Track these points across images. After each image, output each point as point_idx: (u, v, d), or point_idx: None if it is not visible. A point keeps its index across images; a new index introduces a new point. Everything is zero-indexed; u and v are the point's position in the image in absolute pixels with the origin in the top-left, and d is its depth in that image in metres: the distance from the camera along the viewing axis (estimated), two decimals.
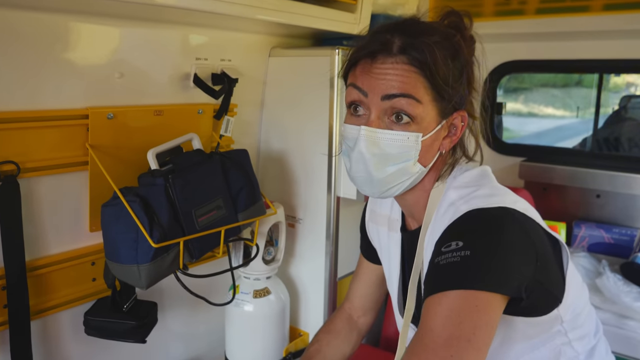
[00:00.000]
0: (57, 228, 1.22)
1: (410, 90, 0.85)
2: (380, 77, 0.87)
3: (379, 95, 0.87)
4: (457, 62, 0.89)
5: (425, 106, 0.86)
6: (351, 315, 1.28)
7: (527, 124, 3.69)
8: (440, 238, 0.86)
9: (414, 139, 0.87)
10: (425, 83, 0.86)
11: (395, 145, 0.88)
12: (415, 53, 0.85)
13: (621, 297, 1.61)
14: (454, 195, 0.91)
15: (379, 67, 0.87)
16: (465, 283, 0.77)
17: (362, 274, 1.28)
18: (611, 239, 1.98)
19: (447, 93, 0.87)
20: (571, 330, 0.94)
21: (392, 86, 0.86)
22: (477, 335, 0.75)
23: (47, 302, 1.22)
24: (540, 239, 0.86)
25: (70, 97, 1.18)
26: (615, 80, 2.85)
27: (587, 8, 1.70)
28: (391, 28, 0.89)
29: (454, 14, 0.92)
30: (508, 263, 0.80)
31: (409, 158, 0.89)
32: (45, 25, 1.10)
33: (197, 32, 1.41)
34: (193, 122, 1.42)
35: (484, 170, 0.97)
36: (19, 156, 1.10)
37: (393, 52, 0.86)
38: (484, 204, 0.85)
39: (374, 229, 1.18)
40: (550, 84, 3.22)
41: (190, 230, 1.20)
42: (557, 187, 2.09)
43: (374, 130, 0.88)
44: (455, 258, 0.79)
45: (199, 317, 1.62)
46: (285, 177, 1.66)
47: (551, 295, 0.89)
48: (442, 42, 0.87)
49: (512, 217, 0.83)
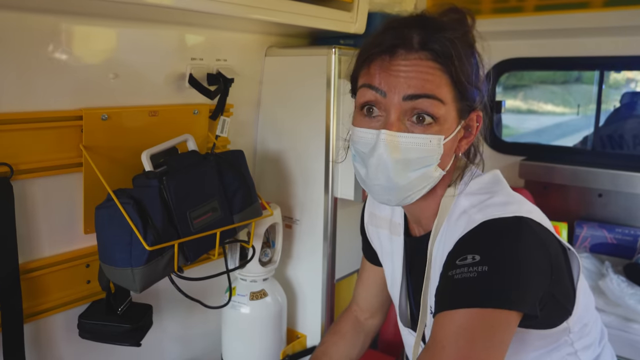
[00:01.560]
0: (51, 230, 1.21)
1: (434, 90, 0.80)
2: (401, 74, 0.80)
3: (401, 95, 0.80)
4: (472, 60, 0.84)
5: (448, 106, 0.82)
6: (358, 317, 1.27)
7: (526, 120, 3.68)
8: (455, 249, 0.82)
9: (437, 142, 0.82)
10: (448, 81, 0.81)
11: (417, 150, 0.81)
12: (439, 47, 0.80)
13: (625, 299, 1.59)
14: (466, 203, 0.86)
15: (400, 63, 0.80)
16: (483, 301, 0.74)
17: (366, 276, 1.25)
18: (614, 239, 1.96)
19: (468, 91, 0.83)
20: (577, 340, 0.91)
21: (415, 85, 0.80)
22: (490, 356, 0.72)
23: (41, 304, 1.21)
24: (555, 251, 0.82)
25: (64, 98, 1.17)
26: (615, 77, 2.83)
27: (587, 4, 1.68)
28: (407, 22, 0.83)
29: (455, 11, 0.87)
30: (526, 280, 0.76)
31: (431, 162, 0.83)
32: (38, 25, 1.09)
33: (192, 32, 1.40)
34: (188, 123, 1.41)
35: (496, 175, 0.93)
36: (12, 158, 1.09)
37: (414, 47, 0.80)
38: (500, 213, 0.80)
39: (373, 231, 1.15)
40: (550, 81, 3.20)
41: (185, 233, 1.19)
42: (558, 187, 2.07)
43: (396, 134, 0.81)
44: (472, 273, 0.75)
45: (195, 320, 1.61)
46: (282, 177, 1.65)
47: (563, 308, 0.86)
48: (462, 37, 0.83)
49: (529, 229, 0.79)
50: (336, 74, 1.46)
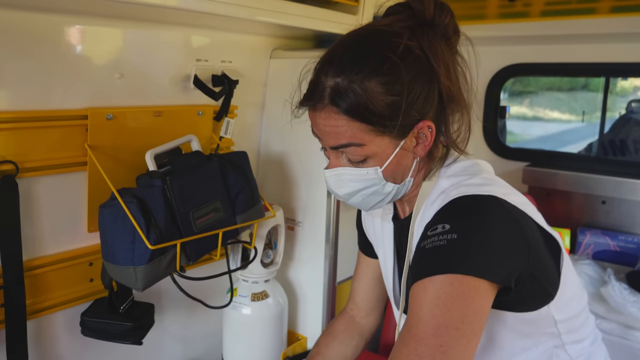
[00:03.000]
0: (55, 228, 1.22)
1: (350, 139, 0.85)
2: (322, 128, 0.88)
3: (328, 146, 0.90)
4: (398, 82, 0.81)
5: (372, 143, 0.86)
6: (353, 316, 1.27)
7: (531, 127, 3.66)
8: (428, 223, 0.85)
9: (373, 172, 0.89)
10: (361, 126, 0.84)
11: (359, 180, 0.90)
12: (343, 102, 0.82)
13: (627, 307, 1.58)
14: (446, 184, 0.91)
15: (319, 116, 0.87)
16: (452, 267, 0.75)
17: (361, 270, 1.27)
18: (617, 246, 1.95)
19: (391, 124, 0.83)
20: (565, 334, 0.92)
21: (333, 139, 0.87)
22: (465, 323, 0.73)
23: (44, 302, 1.22)
24: (531, 231, 0.84)
25: (69, 98, 1.18)
26: (623, 84, 2.81)
27: (594, 10, 1.68)
28: (326, 62, 0.87)
29: (395, 9, 0.89)
30: (497, 250, 0.78)
31: (377, 183, 0.91)
32: (45, 25, 1.10)
33: (198, 33, 1.41)
34: (193, 124, 1.41)
35: (478, 161, 0.96)
36: (18, 156, 1.10)
37: (325, 102, 0.85)
38: (474, 191, 0.84)
39: (369, 221, 1.18)
40: (556, 88, 3.19)
41: (187, 232, 1.20)
42: (562, 193, 2.06)
43: (334, 171, 0.92)
44: (442, 241, 0.77)
45: (196, 320, 1.61)
46: (285, 179, 1.65)
47: (544, 290, 0.87)
48: (376, 68, 0.81)
49: (501, 207, 0.81)
50: None
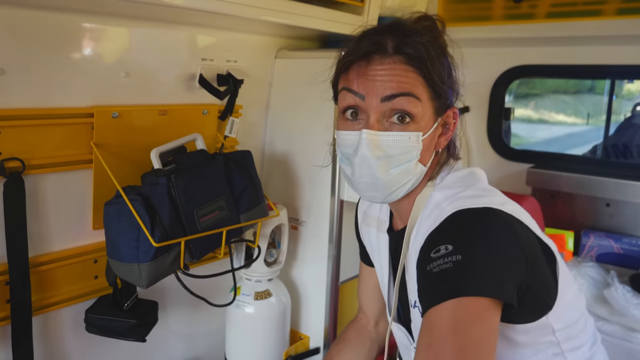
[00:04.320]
0: (60, 225, 1.23)
1: (410, 88, 0.85)
2: (377, 78, 0.86)
3: (379, 97, 0.86)
4: (444, 60, 0.90)
5: (424, 104, 0.87)
6: (364, 325, 1.28)
7: (537, 130, 3.62)
8: (427, 242, 0.85)
9: (415, 138, 0.87)
10: (422, 81, 0.87)
11: (398, 146, 0.87)
12: (412, 51, 0.85)
13: (630, 309, 1.58)
14: (440, 196, 0.91)
15: (376, 68, 0.86)
16: (463, 290, 0.75)
17: (364, 280, 1.28)
18: (620, 249, 1.95)
19: (443, 90, 0.88)
20: (565, 341, 0.91)
21: (391, 87, 0.85)
22: (484, 343, 0.74)
23: (49, 298, 1.23)
24: (529, 241, 0.84)
25: (76, 96, 1.18)
26: (629, 87, 2.79)
27: (600, 12, 1.67)
28: (381, 30, 0.89)
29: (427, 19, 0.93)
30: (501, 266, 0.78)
31: (412, 158, 0.88)
32: (52, 24, 1.11)
33: (204, 32, 1.41)
34: (198, 123, 1.42)
35: (472, 171, 0.97)
36: (24, 153, 1.11)
37: (389, 52, 0.86)
38: (470, 204, 0.84)
39: (365, 231, 1.18)
40: (562, 90, 3.17)
41: (191, 231, 1.20)
42: (566, 195, 2.06)
43: (376, 133, 0.86)
44: (448, 264, 0.77)
45: (200, 318, 1.62)
46: (289, 179, 1.66)
47: (541, 301, 0.87)
48: (433, 41, 0.89)
49: (499, 218, 0.82)
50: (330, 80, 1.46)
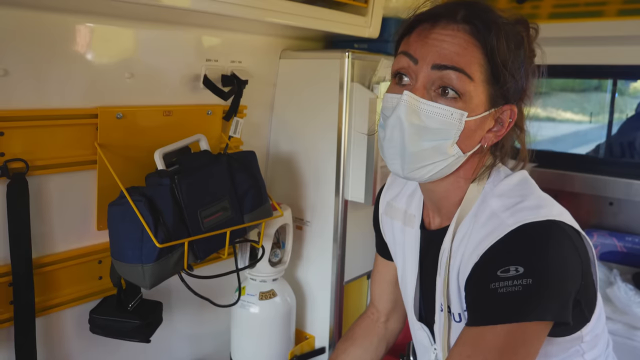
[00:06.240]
0: (64, 226, 1.23)
1: (463, 64, 0.78)
2: (435, 43, 0.80)
3: (430, 63, 0.80)
4: (519, 52, 0.82)
5: (476, 85, 0.80)
6: (374, 320, 1.25)
7: (543, 128, 3.61)
8: (490, 257, 0.80)
9: (458, 116, 0.80)
10: (482, 60, 0.79)
11: (436, 119, 0.80)
12: (480, 24, 0.79)
13: (632, 307, 1.59)
14: (496, 205, 0.85)
15: (438, 32, 0.80)
16: (529, 316, 0.75)
17: (378, 273, 1.23)
18: (624, 247, 1.95)
19: (503, 76, 0.80)
20: (588, 351, 0.91)
21: (445, 55, 0.79)
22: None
23: (53, 299, 1.23)
24: (585, 256, 0.82)
25: (80, 96, 1.18)
26: (635, 85, 2.78)
27: (601, 13, 1.68)
28: (459, 2, 0.83)
29: (522, 23, 0.85)
30: (566, 290, 0.77)
31: (448, 137, 0.81)
32: (56, 25, 1.11)
33: (208, 33, 1.41)
34: (202, 123, 1.42)
35: (525, 176, 0.92)
36: (28, 154, 1.11)
37: (457, 19, 0.80)
38: (533, 217, 0.79)
39: (388, 222, 1.13)
40: (569, 89, 3.15)
41: (195, 231, 1.20)
42: (569, 194, 2.06)
43: (417, 98, 0.80)
44: (517, 287, 0.74)
45: (204, 318, 1.62)
46: (294, 179, 1.66)
47: (583, 316, 0.86)
48: (509, 26, 0.81)
49: (564, 234, 0.80)
50: (349, 77, 1.46)
